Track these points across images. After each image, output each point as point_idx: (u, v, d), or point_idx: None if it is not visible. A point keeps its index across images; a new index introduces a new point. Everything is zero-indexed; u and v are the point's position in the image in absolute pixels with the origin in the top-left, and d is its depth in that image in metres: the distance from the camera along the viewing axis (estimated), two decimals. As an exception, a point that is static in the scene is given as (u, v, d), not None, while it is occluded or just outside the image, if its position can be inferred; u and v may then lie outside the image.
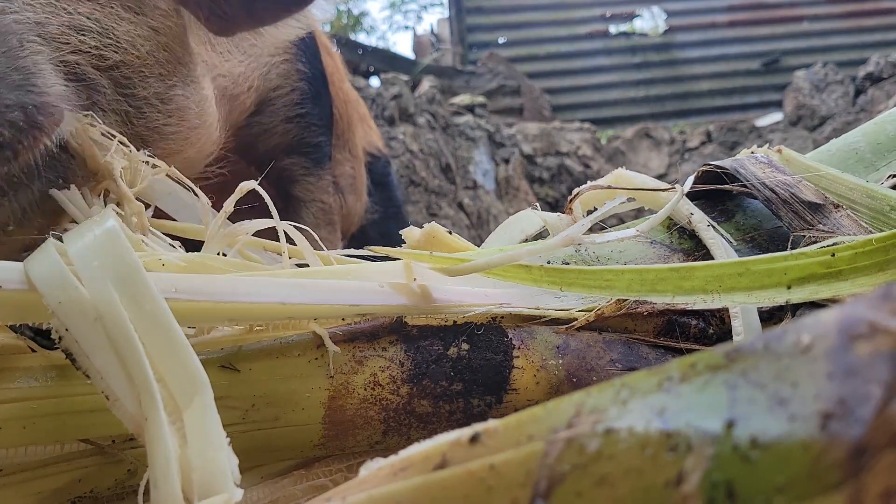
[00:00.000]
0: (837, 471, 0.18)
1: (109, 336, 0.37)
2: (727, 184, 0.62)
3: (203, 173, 0.88)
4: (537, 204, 0.70)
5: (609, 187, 0.62)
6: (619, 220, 0.87)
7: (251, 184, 0.53)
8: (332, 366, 0.48)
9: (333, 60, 1.61)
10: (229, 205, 0.53)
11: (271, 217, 0.53)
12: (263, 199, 0.54)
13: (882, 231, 0.55)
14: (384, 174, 1.95)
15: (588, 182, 0.64)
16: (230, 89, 0.98)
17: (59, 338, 0.38)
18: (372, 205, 1.81)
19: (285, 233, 0.54)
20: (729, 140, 4.75)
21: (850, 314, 0.21)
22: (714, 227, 0.57)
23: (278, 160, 1.23)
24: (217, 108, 0.88)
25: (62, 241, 0.42)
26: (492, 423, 0.27)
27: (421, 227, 0.59)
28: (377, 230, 1.86)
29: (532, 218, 0.66)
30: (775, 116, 5.22)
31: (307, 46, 1.25)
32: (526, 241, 0.65)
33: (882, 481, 0.17)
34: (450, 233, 0.59)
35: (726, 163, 0.63)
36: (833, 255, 0.47)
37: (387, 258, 0.53)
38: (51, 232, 0.45)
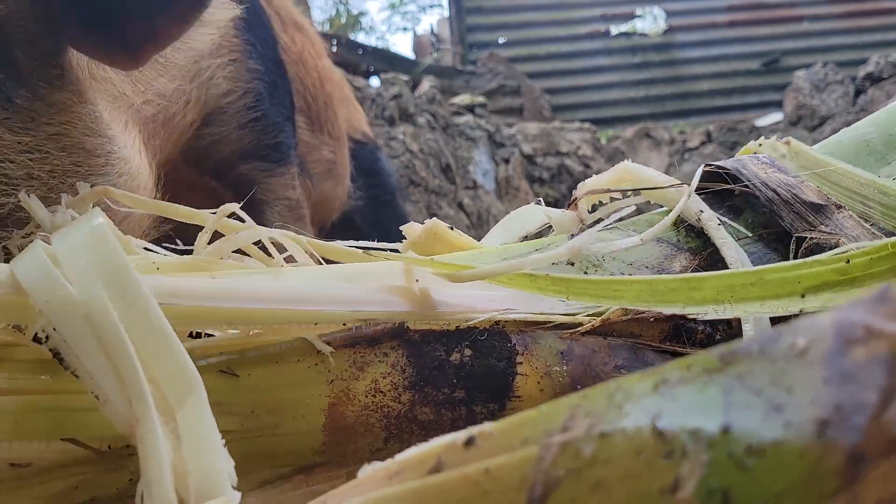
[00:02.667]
0: (835, 478, 0.18)
1: (98, 335, 0.37)
2: (729, 183, 0.61)
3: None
4: (541, 199, 0.69)
5: (611, 190, 0.61)
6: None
7: (232, 206, 0.53)
8: (333, 372, 0.47)
9: (305, 36, 1.52)
10: (212, 226, 0.52)
11: (241, 219, 0.53)
12: (224, 199, 0.53)
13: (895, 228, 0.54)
14: (372, 160, 1.89)
15: (592, 178, 0.63)
16: (161, 114, 0.91)
17: (47, 337, 0.37)
18: (355, 190, 1.76)
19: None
20: (729, 140, 4.74)
21: (846, 318, 0.20)
22: (724, 224, 0.56)
23: (234, 167, 1.17)
24: (147, 145, 0.83)
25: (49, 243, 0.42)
26: (487, 427, 0.27)
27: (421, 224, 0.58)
28: (365, 219, 1.81)
29: (536, 213, 0.65)
30: (775, 116, 5.21)
31: (258, 36, 1.17)
32: (527, 237, 0.64)
33: (877, 490, 0.17)
34: (451, 228, 0.58)
35: (728, 163, 0.62)
36: (848, 261, 0.46)
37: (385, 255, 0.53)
38: (38, 233, 0.45)
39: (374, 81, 4.39)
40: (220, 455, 0.35)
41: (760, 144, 0.64)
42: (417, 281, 0.49)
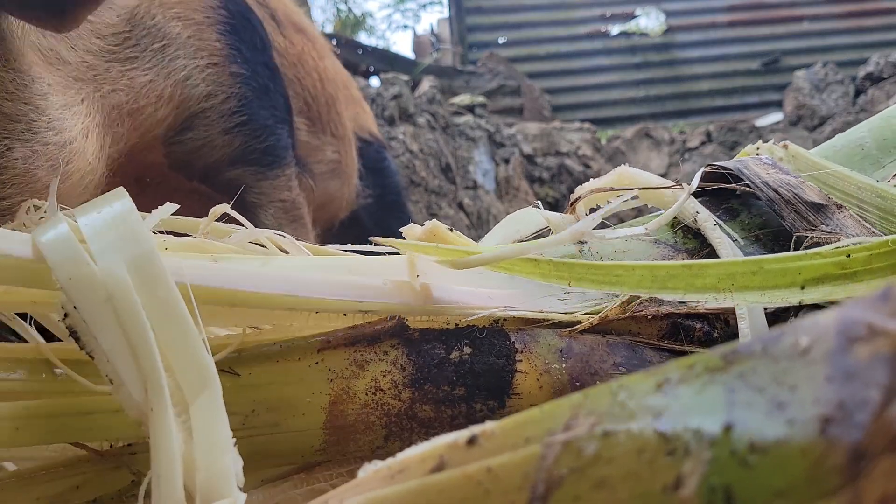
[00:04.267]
0: (836, 475, 0.18)
1: (119, 319, 0.36)
2: (730, 183, 0.62)
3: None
4: (539, 203, 0.69)
5: (611, 189, 0.61)
6: (619, 219, 0.87)
7: (223, 207, 0.52)
8: (333, 370, 0.47)
9: (305, 37, 1.50)
10: (204, 228, 0.52)
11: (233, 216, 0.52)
12: (217, 202, 0.53)
13: (892, 232, 0.54)
14: (378, 159, 1.89)
15: (589, 181, 0.64)
16: (129, 104, 0.91)
17: (65, 314, 0.37)
18: (364, 189, 1.76)
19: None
20: (729, 140, 4.74)
21: (849, 316, 0.20)
22: (721, 225, 0.57)
23: (223, 173, 1.15)
24: (106, 129, 0.83)
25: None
26: (489, 426, 0.27)
27: (422, 226, 0.58)
28: (372, 218, 1.82)
29: (533, 216, 0.65)
30: (775, 116, 5.21)
31: (244, 39, 1.15)
32: (522, 240, 0.64)
33: (879, 487, 0.17)
34: (451, 229, 0.58)
35: (730, 163, 0.62)
36: (848, 255, 0.46)
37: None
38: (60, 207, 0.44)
39: (374, 81, 4.40)
40: (229, 454, 0.34)
41: (758, 149, 0.65)
42: (418, 276, 0.49)
